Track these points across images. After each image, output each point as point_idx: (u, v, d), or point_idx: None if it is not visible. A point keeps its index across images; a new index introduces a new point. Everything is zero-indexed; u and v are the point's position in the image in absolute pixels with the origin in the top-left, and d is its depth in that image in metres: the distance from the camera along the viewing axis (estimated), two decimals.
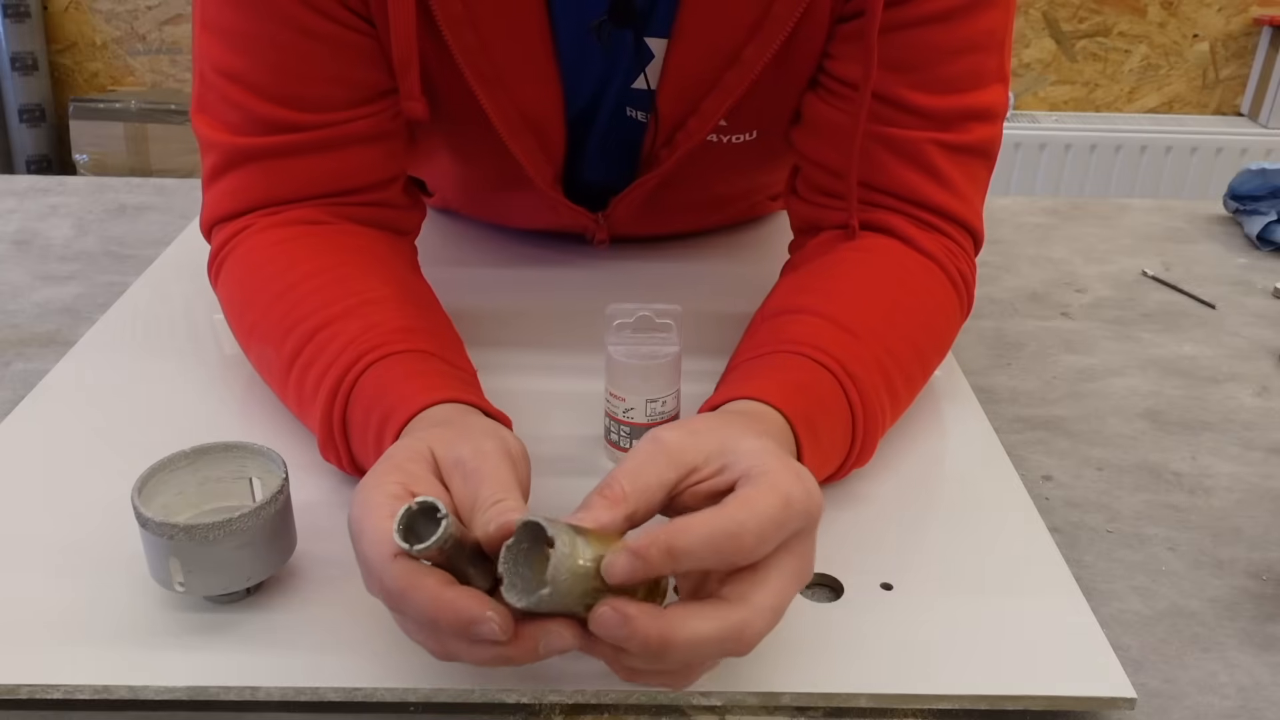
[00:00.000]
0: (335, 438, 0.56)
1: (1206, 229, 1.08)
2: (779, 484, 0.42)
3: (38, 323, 0.81)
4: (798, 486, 0.43)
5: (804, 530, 0.43)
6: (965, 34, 0.64)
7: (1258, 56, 2.51)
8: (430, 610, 0.40)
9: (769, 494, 0.42)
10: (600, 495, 0.43)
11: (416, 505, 0.41)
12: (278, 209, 0.66)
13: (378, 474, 0.45)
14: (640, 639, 0.39)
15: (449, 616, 0.40)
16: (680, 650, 0.40)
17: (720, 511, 0.41)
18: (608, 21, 0.65)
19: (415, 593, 0.40)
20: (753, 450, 0.44)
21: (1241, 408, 0.74)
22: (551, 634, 0.41)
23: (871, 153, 0.66)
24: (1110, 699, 0.47)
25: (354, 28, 0.63)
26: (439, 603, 0.40)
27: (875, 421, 0.58)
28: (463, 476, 0.44)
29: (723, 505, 0.41)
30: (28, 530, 0.55)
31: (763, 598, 0.41)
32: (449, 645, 0.42)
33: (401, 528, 0.41)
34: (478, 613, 0.40)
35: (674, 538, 0.40)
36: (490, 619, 0.40)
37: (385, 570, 0.41)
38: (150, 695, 0.46)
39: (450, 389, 0.54)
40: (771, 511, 0.41)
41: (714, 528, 0.40)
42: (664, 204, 0.79)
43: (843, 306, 0.61)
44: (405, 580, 0.41)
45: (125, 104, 2.45)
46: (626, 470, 0.43)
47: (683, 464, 0.44)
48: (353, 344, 0.56)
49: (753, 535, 0.41)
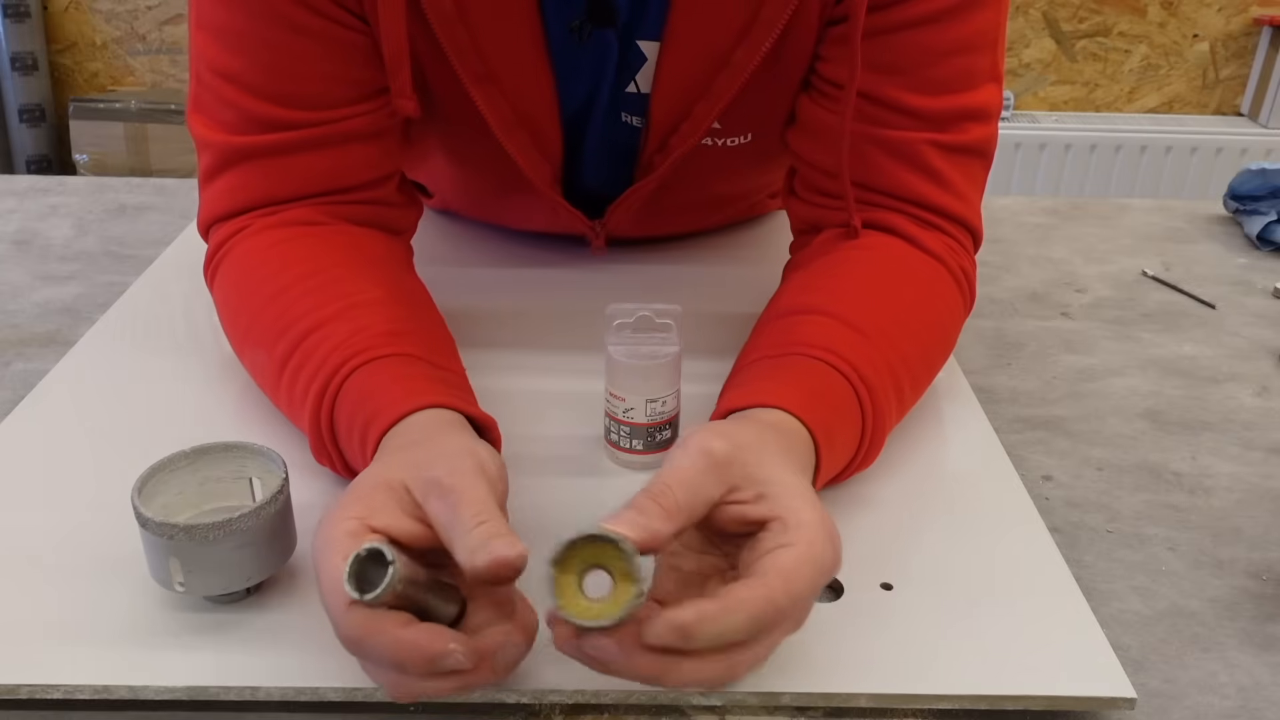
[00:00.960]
0: (325, 442, 0.56)
1: (1206, 229, 1.08)
2: (814, 551, 0.43)
3: (38, 323, 0.81)
4: (829, 551, 0.44)
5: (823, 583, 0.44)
6: (956, 35, 0.64)
7: (1258, 56, 2.51)
8: (392, 653, 0.40)
9: (808, 568, 0.42)
10: (656, 502, 0.42)
11: (365, 552, 0.41)
12: (274, 209, 0.66)
13: (340, 509, 0.44)
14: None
15: (413, 656, 0.40)
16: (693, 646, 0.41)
17: (762, 587, 0.41)
18: (587, 21, 0.65)
19: (374, 639, 0.40)
20: (791, 489, 0.45)
21: (1241, 408, 0.74)
22: (507, 650, 0.42)
23: (868, 155, 0.66)
24: (1110, 699, 0.47)
25: (347, 25, 0.63)
26: (399, 644, 0.40)
27: (883, 425, 0.58)
28: (439, 496, 0.44)
29: (764, 579, 0.42)
30: (28, 530, 0.55)
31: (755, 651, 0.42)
32: (410, 686, 0.42)
33: (353, 576, 0.40)
34: (440, 647, 0.40)
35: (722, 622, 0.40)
36: (454, 650, 0.40)
37: (342, 619, 0.41)
38: (150, 695, 0.46)
39: (434, 394, 0.53)
40: (808, 585, 0.42)
41: (757, 609, 0.41)
42: (662, 207, 0.79)
43: (852, 306, 0.61)
44: (363, 628, 0.41)
45: (125, 104, 2.45)
46: (681, 480, 0.43)
47: (727, 482, 0.44)
48: (339, 348, 0.56)
49: (787, 609, 0.42)
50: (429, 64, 0.66)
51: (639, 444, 0.61)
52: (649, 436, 0.61)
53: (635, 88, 0.70)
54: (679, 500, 0.43)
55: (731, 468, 0.45)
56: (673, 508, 0.42)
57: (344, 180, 0.67)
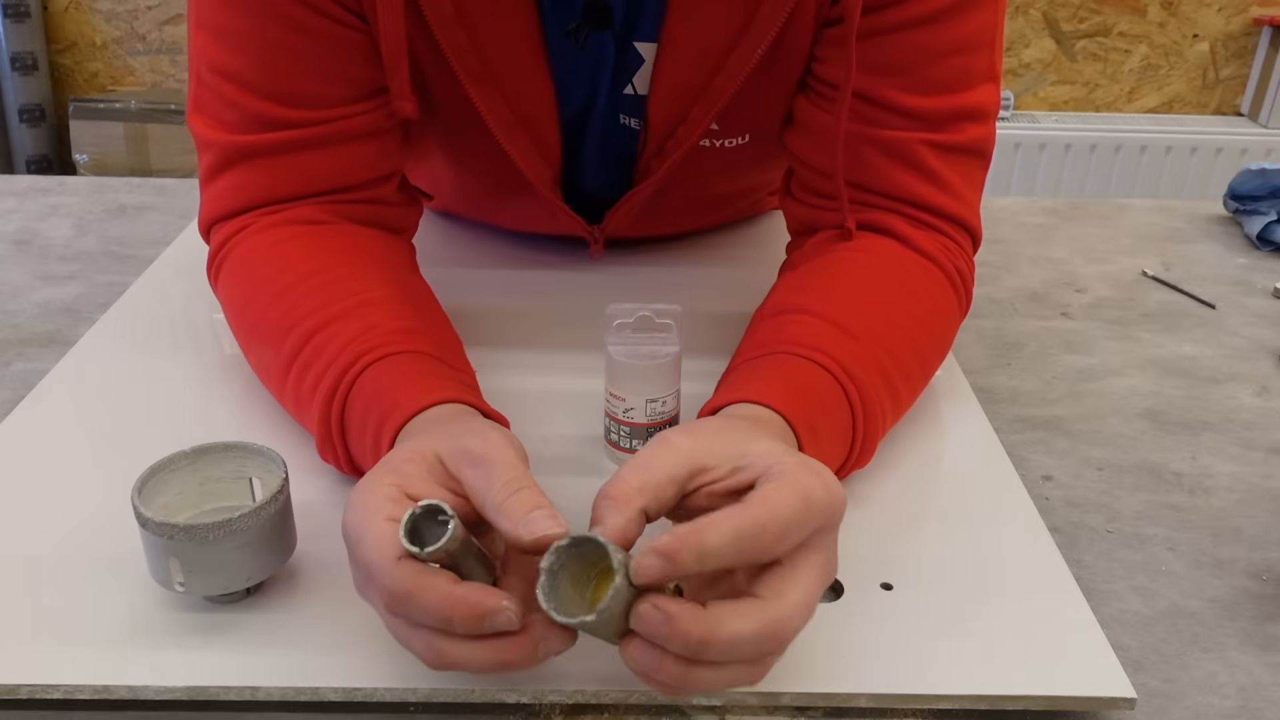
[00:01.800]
0: (333, 439, 0.56)
1: (1206, 229, 1.08)
2: (800, 482, 0.42)
3: (38, 323, 0.81)
4: (818, 484, 0.43)
5: (827, 527, 0.43)
6: (952, 35, 0.64)
7: (1258, 56, 2.51)
8: (443, 608, 0.40)
9: (790, 492, 0.42)
10: (607, 497, 0.42)
11: (420, 508, 0.41)
12: (275, 208, 0.66)
13: (373, 478, 0.45)
14: (681, 637, 0.39)
15: (463, 611, 0.40)
16: (720, 648, 0.40)
17: (744, 510, 0.41)
18: (583, 24, 0.65)
19: (424, 593, 0.40)
20: (768, 451, 0.45)
21: (1241, 408, 0.74)
22: (551, 639, 0.41)
23: (864, 155, 0.66)
24: (1110, 699, 0.47)
25: (347, 24, 0.63)
26: (451, 599, 0.40)
27: (876, 422, 0.58)
28: (472, 465, 0.44)
29: (745, 504, 0.41)
30: (28, 530, 0.55)
31: (797, 594, 0.41)
32: (447, 650, 0.41)
33: (408, 529, 0.41)
34: (494, 603, 0.40)
35: (702, 537, 0.40)
36: (506, 608, 0.40)
37: (390, 573, 0.41)
38: (150, 695, 0.46)
39: (448, 390, 0.54)
40: (793, 509, 0.41)
41: (739, 526, 0.40)
42: (661, 208, 0.79)
43: (841, 307, 0.61)
44: (412, 581, 0.40)
45: (125, 104, 2.45)
46: (634, 466, 0.43)
47: (692, 461, 0.44)
48: (351, 345, 0.56)
49: (774, 534, 0.41)
50: (428, 65, 0.66)
51: (639, 444, 0.61)
52: (649, 436, 0.61)
53: (633, 89, 0.70)
54: (633, 485, 0.42)
55: (695, 450, 0.44)
56: (625, 495, 0.42)
57: (345, 179, 0.67)
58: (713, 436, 0.46)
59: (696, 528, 0.40)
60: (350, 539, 0.43)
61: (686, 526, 0.40)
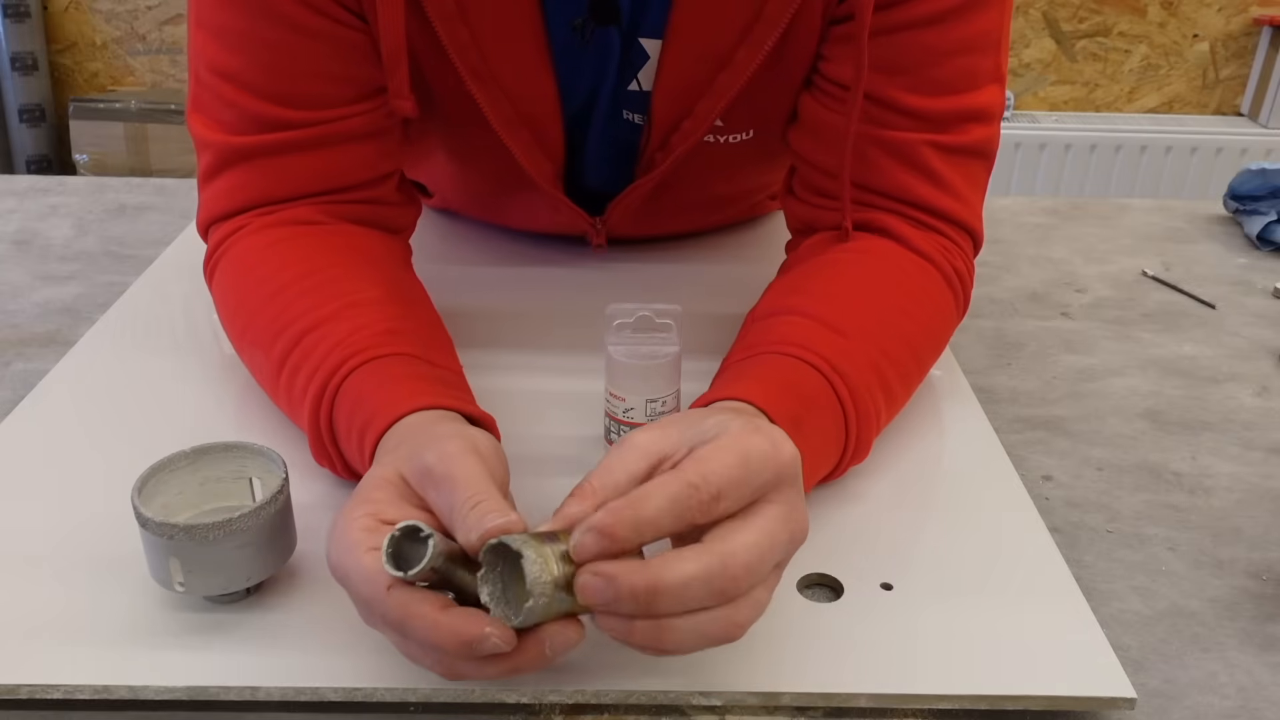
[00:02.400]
0: (325, 443, 0.56)
1: (1206, 229, 1.08)
2: (739, 441, 0.43)
3: (38, 323, 0.81)
4: (759, 439, 0.43)
5: (778, 483, 0.43)
6: (959, 35, 0.64)
7: (1258, 56, 2.51)
8: (430, 637, 0.40)
9: (725, 451, 0.42)
10: (572, 496, 0.43)
11: (399, 531, 0.41)
12: (273, 208, 0.66)
13: (347, 512, 0.45)
14: (628, 592, 0.39)
15: (449, 640, 0.40)
16: (670, 594, 0.40)
17: (678, 475, 0.41)
18: (589, 19, 0.65)
19: (413, 621, 0.41)
20: (718, 421, 0.45)
21: (1241, 408, 0.74)
22: (557, 636, 0.41)
23: (867, 155, 0.66)
24: (1110, 699, 0.47)
25: (347, 24, 0.63)
26: (437, 629, 0.40)
27: (869, 418, 0.58)
28: (434, 485, 0.44)
29: (680, 468, 0.42)
30: (28, 530, 0.55)
31: (744, 536, 0.42)
32: (456, 666, 0.42)
33: (390, 555, 0.41)
34: (476, 631, 0.40)
35: (637, 509, 0.40)
36: (489, 634, 0.40)
37: (382, 604, 0.41)
38: (150, 695, 0.46)
39: (431, 394, 0.53)
40: (727, 467, 0.42)
41: (673, 490, 0.41)
42: (663, 205, 0.79)
43: (832, 307, 0.61)
44: (402, 611, 0.41)
45: (125, 104, 2.45)
46: (598, 469, 0.44)
47: (652, 454, 0.44)
48: (338, 348, 0.56)
49: (710, 493, 0.41)
50: (429, 62, 0.66)
51: None
52: None
53: (637, 85, 0.70)
54: (593, 485, 0.43)
55: (655, 443, 0.44)
56: (585, 493, 0.42)
57: (343, 180, 0.67)
58: (673, 426, 0.46)
59: (631, 500, 0.40)
60: (339, 578, 0.44)
61: (621, 500, 0.40)
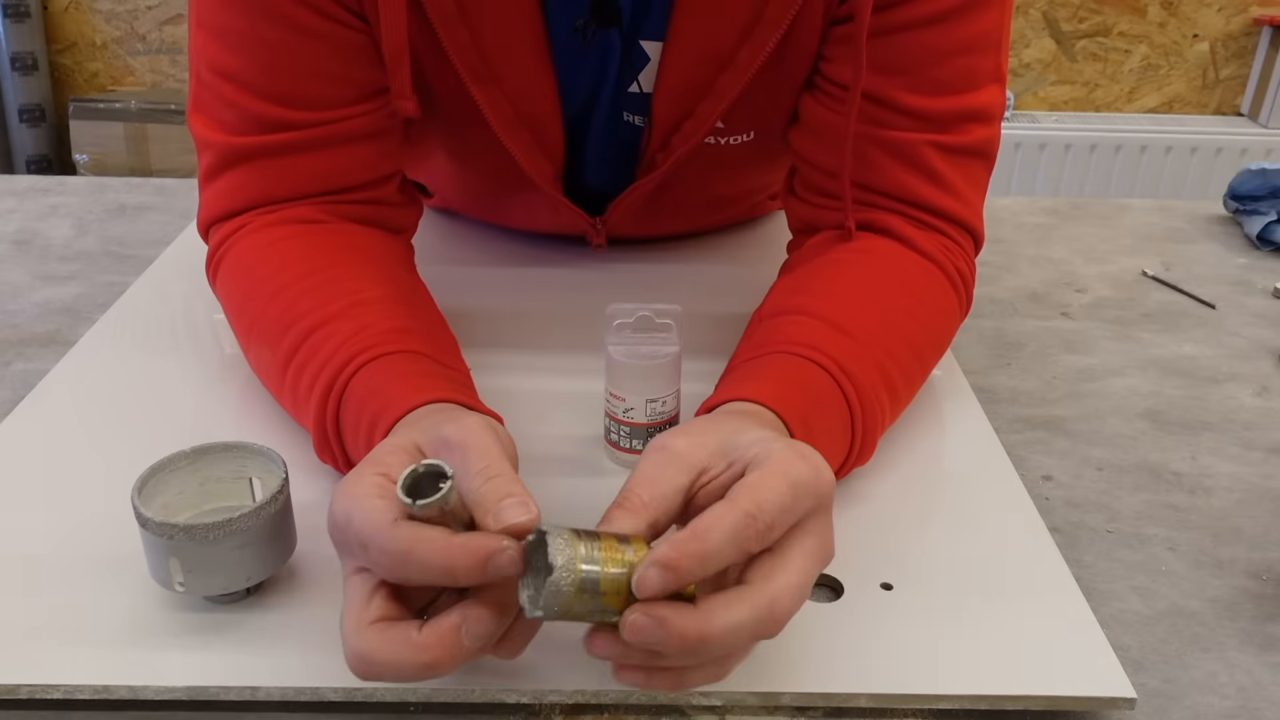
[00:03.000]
0: (330, 439, 0.56)
1: (1206, 229, 1.08)
2: (784, 467, 0.43)
3: (38, 323, 0.81)
4: (804, 466, 0.43)
5: (817, 509, 0.44)
6: (960, 36, 0.64)
7: (1258, 56, 2.51)
8: (444, 558, 0.40)
9: (775, 478, 0.42)
10: (620, 508, 0.43)
11: (423, 467, 0.41)
12: (274, 208, 0.66)
13: (357, 471, 0.45)
14: (678, 639, 0.39)
15: (464, 559, 0.39)
16: (717, 642, 0.40)
17: (734, 505, 0.41)
18: (591, 21, 0.65)
19: (424, 546, 0.40)
20: (755, 440, 0.45)
21: (1241, 408, 0.74)
22: (470, 619, 0.40)
23: (868, 155, 0.66)
24: (1110, 699, 0.47)
25: (348, 24, 0.63)
26: (450, 547, 0.40)
27: (874, 419, 0.58)
28: (448, 451, 0.44)
29: (733, 498, 0.41)
30: (28, 530, 0.55)
31: (787, 576, 0.42)
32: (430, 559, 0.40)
33: (406, 487, 0.41)
34: (494, 544, 0.40)
35: (703, 543, 0.40)
36: (508, 547, 0.40)
37: (389, 535, 0.40)
38: (150, 695, 0.46)
39: (440, 390, 0.54)
40: (780, 495, 0.42)
41: (733, 522, 0.40)
42: (663, 206, 0.79)
43: (838, 307, 0.61)
44: (412, 538, 0.40)
45: (125, 104, 2.45)
46: (641, 479, 0.43)
47: (693, 467, 0.44)
48: (345, 345, 0.56)
49: (765, 523, 0.41)
50: (430, 63, 0.66)
51: (639, 444, 0.61)
52: (649, 436, 0.61)
53: (638, 87, 0.70)
54: (643, 498, 0.43)
55: (693, 454, 0.45)
56: (637, 506, 0.42)
57: (344, 180, 0.67)
58: (706, 433, 0.46)
59: (695, 533, 0.40)
60: (338, 523, 0.43)
61: (684, 534, 0.40)
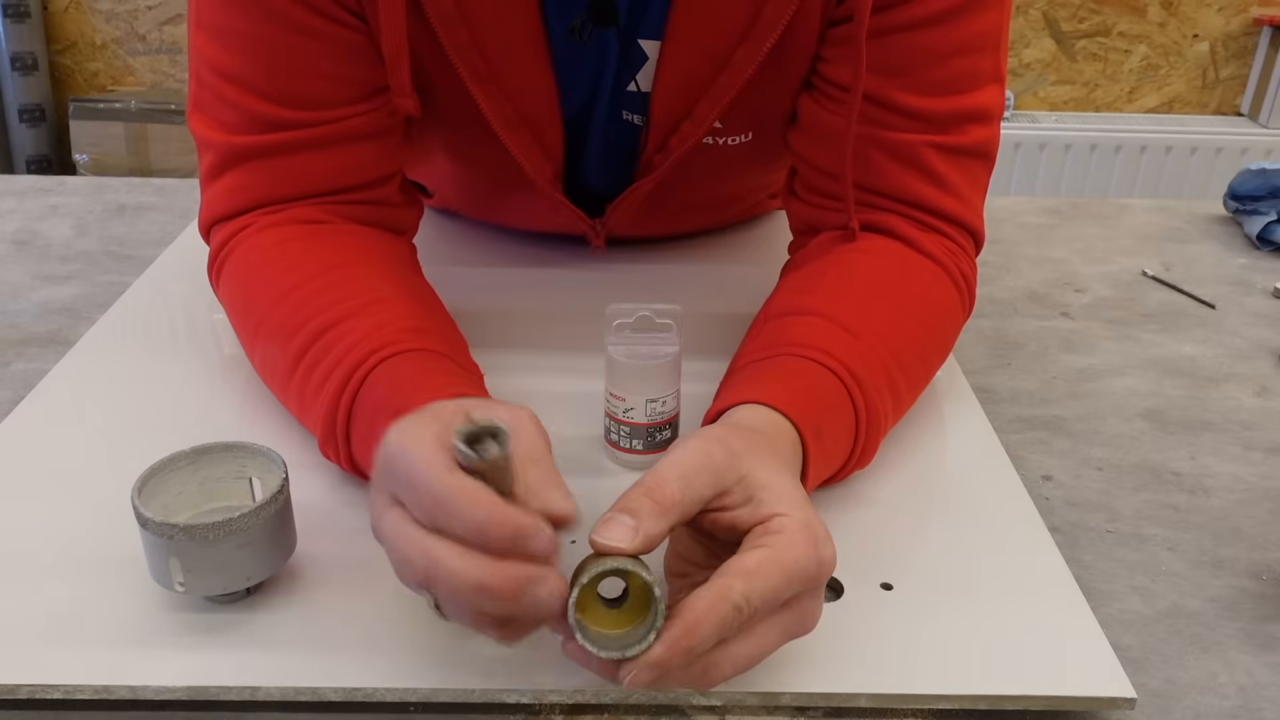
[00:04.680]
0: (337, 434, 0.56)
1: (1206, 229, 1.08)
2: (789, 555, 0.42)
3: (38, 323, 0.81)
4: (809, 556, 0.43)
5: (805, 591, 0.44)
6: (959, 36, 0.64)
7: (1258, 56, 2.51)
8: (481, 517, 0.40)
9: (773, 569, 0.42)
10: (650, 498, 0.42)
11: (480, 425, 0.41)
12: (276, 208, 0.66)
13: (419, 417, 0.44)
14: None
15: (500, 525, 0.39)
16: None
17: (724, 597, 0.41)
18: (588, 21, 0.65)
19: (467, 499, 0.40)
20: (783, 497, 0.45)
21: (1241, 408, 0.74)
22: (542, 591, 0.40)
23: (868, 156, 0.66)
24: (1110, 699, 0.47)
25: (347, 24, 0.63)
26: (492, 510, 0.40)
27: (879, 423, 0.58)
28: None
29: (727, 585, 0.41)
30: (28, 530, 0.55)
31: (743, 647, 0.42)
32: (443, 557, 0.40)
33: (463, 438, 0.40)
34: (531, 521, 0.40)
35: (690, 639, 0.40)
36: (544, 530, 0.40)
37: (438, 479, 0.40)
38: (150, 695, 0.46)
39: (460, 387, 0.54)
40: (772, 588, 0.42)
41: (721, 616, 0.41)
42: (662, 206, 0.79)
43: (846, 308, 0.61)
44: (460, 489, 0.40)
45: (125, 104, 2.45)
46: (678, 473, 0.43)
47: (720, 485, 0.44)
48: (363, 341, 0.56)
49: (748, 612, 0.41)
50: (429, 63, 0.66)
51: (639, 444, 0.61)
52: (649, 436, 0.61)
53: (636, 87, 0.70)
54: (674, 495, 0.43)
55: (726, 471, 0.45)
56: (667, 503, 0.42)
57: (346, 180, 0.67)
58: (741, 457, 0.46)
59: (686, 628, 0.40)
60: (394, 454, 0.42)
61: (675, 631, 0.40)
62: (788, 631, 0.44)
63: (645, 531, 0.42)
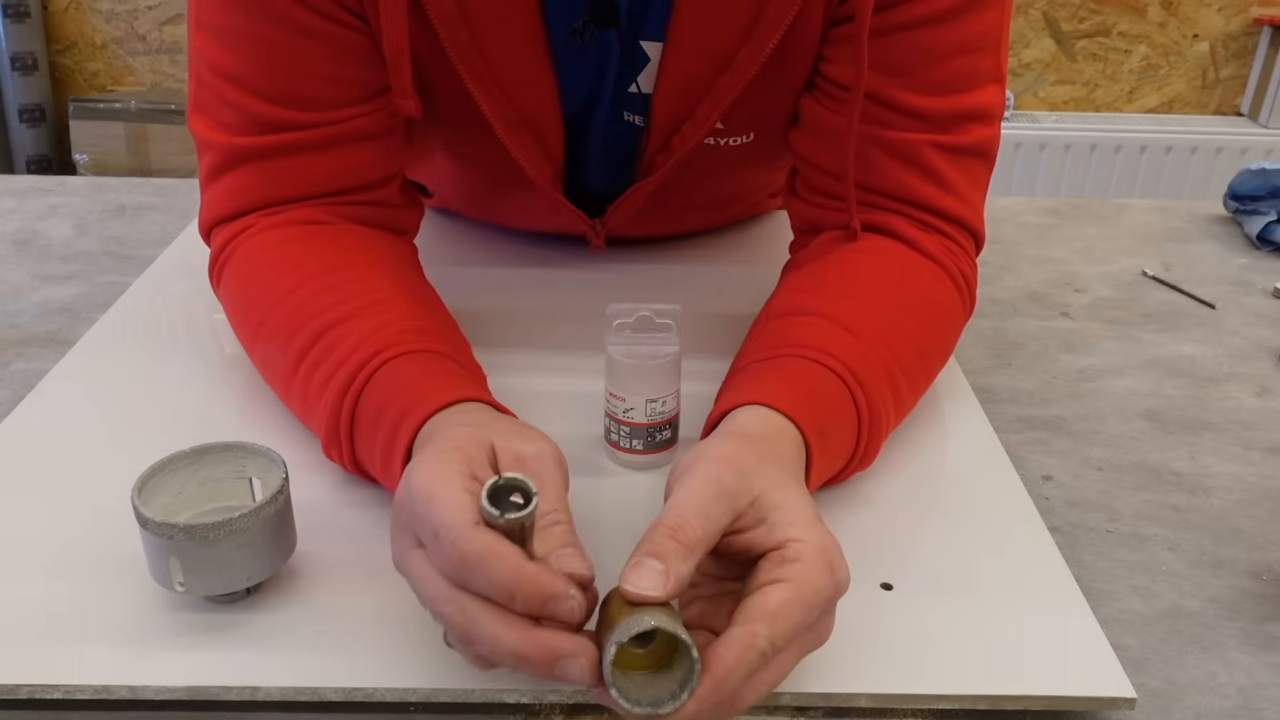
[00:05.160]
0: (341, 434, 0.56)
1: (1206, 229, 1.08)
2: (810, 586, 0.42)
3: (38, 323, 0.81)
4: (825, 584, 0.43)
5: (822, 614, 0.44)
6: (959, 36, 0.64)
7: (1258, 56, 2.51)
8: (510, 580, 0.40)
9: (796, 605, 0.42)
10: (674, 539, 0.42)
11: (504, 480, 0.41)
12: (277, 209, 0.66)
13: (442, 451, 0.45)
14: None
15: (530, 589, 0.39)
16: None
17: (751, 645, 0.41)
18: (589, 22, 0.65)
19: (497, 561, 0.40)
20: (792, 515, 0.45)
21: (1241, 408, 0.74)
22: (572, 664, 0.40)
23: (869, 156, 0.66)
24: (1110, 699, 0.47)
25: (348, 25, 0.63)
26: (522, 573, 0.40)
27: (880, 425, 0.58)
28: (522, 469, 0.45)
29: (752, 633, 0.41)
30: (28, 530, 0.55)
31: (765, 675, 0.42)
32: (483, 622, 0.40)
33: (489, 494, 0.40)
34: (561, 586, 0.40)
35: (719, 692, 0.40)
36: (573, 597, 0.40)
37: (465, 536, 0.40)
38: (150, 695, 0.46)
39: (466, 389, 0.54)
40: (793, 625, 0.42)
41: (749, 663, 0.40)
42: (663, 206, 0.79)
43: (847, 308, 0.61)
44: (488, 548, 0.40)
45: (125, 104, 2.45)
46: (697, 510, 0.43)
47: (735, 510, 0.44)
48: (366, 342, 0.56)
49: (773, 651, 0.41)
50: (430, 64, 0.66)
51: (639, 444, 0.61)
52: (649, 436, 0.61)
53: (637, 88, 0.70)
54: (697, 533, 0.42)
55: (739, 495, 0.45)
56: (691, 541, 0.42)
57: (347, 181, 0.67)
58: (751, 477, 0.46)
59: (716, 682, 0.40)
60: (419, 498, 0.42)
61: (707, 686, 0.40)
62: (806, 650, 0.44)
63: (675, 575, 0.41)
